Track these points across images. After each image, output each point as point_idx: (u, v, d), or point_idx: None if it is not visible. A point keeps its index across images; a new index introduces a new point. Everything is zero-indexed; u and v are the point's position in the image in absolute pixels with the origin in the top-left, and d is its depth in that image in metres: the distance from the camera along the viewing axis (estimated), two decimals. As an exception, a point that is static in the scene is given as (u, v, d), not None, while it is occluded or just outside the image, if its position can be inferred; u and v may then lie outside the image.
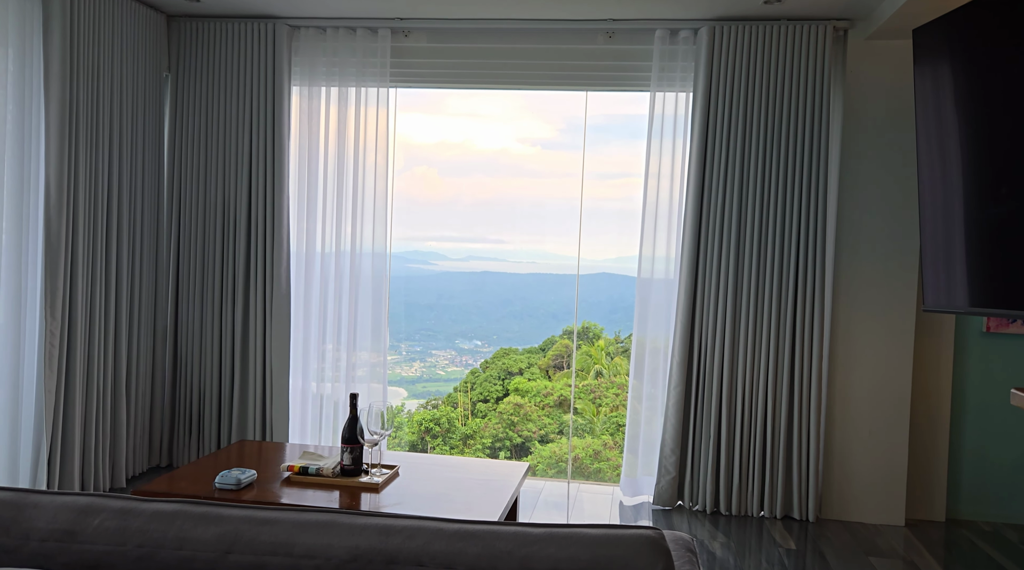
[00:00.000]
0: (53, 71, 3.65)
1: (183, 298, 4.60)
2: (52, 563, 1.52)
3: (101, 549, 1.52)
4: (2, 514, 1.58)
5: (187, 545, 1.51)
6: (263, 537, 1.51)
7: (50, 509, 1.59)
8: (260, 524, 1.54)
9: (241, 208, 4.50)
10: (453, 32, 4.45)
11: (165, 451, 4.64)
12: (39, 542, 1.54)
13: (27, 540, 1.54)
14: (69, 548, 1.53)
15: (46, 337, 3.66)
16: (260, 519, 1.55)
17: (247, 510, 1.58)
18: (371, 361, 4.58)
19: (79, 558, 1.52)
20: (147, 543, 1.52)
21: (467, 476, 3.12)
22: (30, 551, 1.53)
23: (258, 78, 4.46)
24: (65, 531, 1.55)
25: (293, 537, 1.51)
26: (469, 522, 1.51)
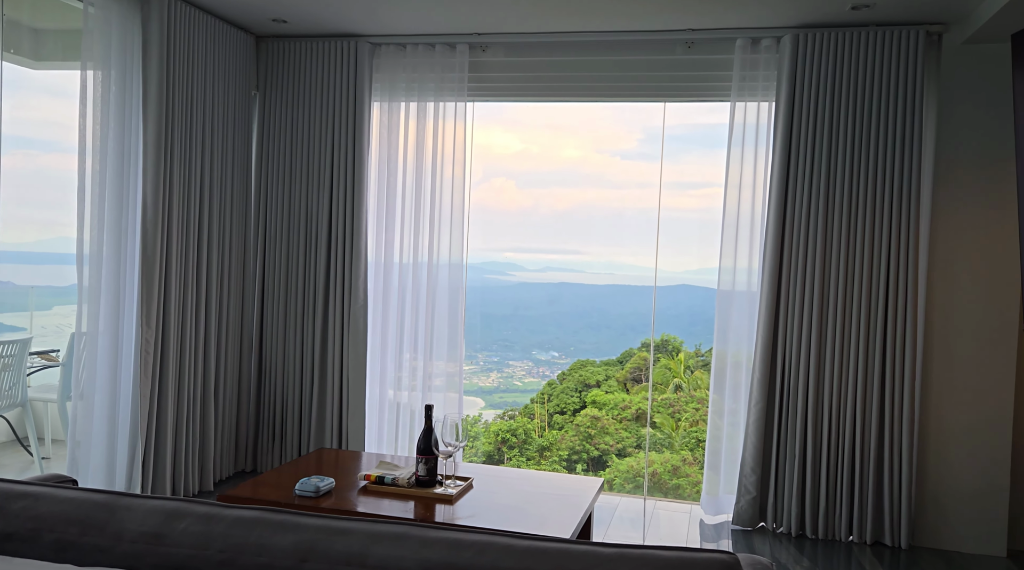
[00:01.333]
0: (151, 92, 3.84)
1: (268, 308, 4.76)
2: (141, 564, 1.58)
3: (186, 552, 1.57)
4: (97, 515, 1.65)
5: (266, 552, 1.54)
6: (337, 547, 1.53)
7: (140, 512, 1.65)
8: (335, 534, 1.56)
9: (322, 221, 4.63)
10: (530, 46, 4.47)
11: (250, 456, 4.79)
12: (129, 543, 1.60)
13: (119, 541, 1.60)
14: (156, 550, 1.59)
15: (141, 345, 3.84)
16: (335, 529, 1.57)
17: (323, 519, 1.61)
18: (447, 371, 4.62)
19: (166, 560, 1.58)
20: (228, 549, 1.56)
21: (541, 490, 3.10)
22: (121, 552, 1.60)
23: (341, 94, 4.58)
24: (153, 534, 1.60)
25: (366, 548, 1.52)
26: (540, 538, 1.50)
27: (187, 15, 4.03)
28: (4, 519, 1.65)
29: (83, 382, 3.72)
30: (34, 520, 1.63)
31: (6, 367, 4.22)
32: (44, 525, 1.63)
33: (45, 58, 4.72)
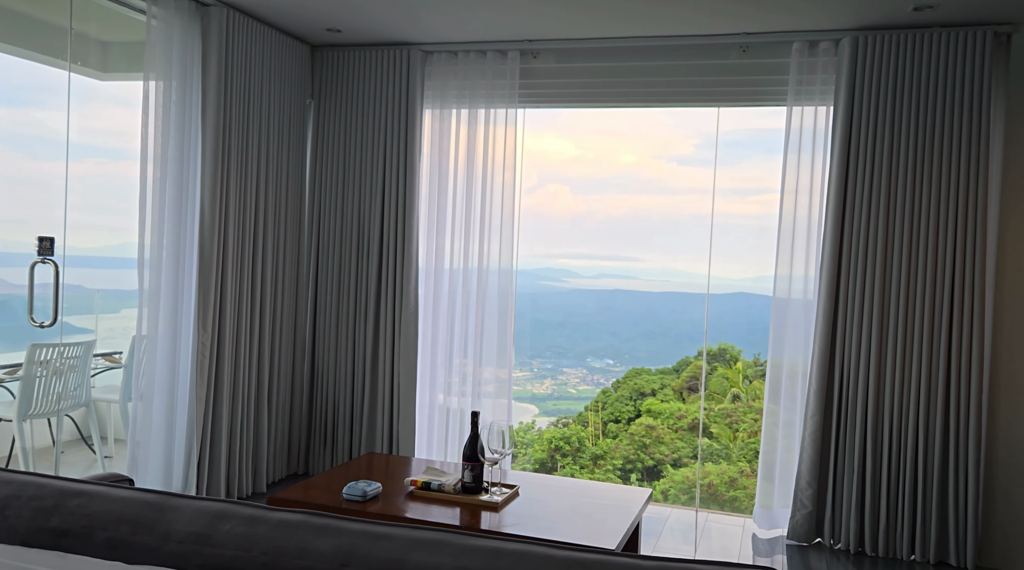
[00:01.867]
0: (209, 101, 3.94)
1: (320, 313, 4.83)
2: (188, 564, 1.60)
3: (231, 553, 1.59)
4: (147, 515, 1.68)
5: (307, 555, 1.55)
6: (377, 552, 1.54)
7: (188, 512, 1.69)
8: (375, 539, 1.56)
9: (374, 227, 4.68)
10: (582, 52, 4.45)
11: (302, 459, 4.87)
12: (177, 543, 1.63)
13: (167, 540, 1.63)
14: (202, 550, 1.61)
15: (198, 348, 3.93)
16: (375, 534, 1.58)
17: (364, 524, 1.61)
18: (497, 377, 4.62)
19: (211, 561, 1.60)
20: (271, 551, 1.58)
21: (587, 499, 3.07)
22: (169, 551, 1.63)
23: (393, 102, 4.63)
24: (200, 534, 1.63)
25: (405, 554, 1.52)
26: (579, 549, 1.48)
27: (245, 26, 4.13)
28: (60, 516, 1.70)
29: (143, 384, 3.83)
30: (88, 518, 1.68)
31: (71, 368, 4.37)
32: (97, 523, 1.67)
33: (112, 69, 4.90)
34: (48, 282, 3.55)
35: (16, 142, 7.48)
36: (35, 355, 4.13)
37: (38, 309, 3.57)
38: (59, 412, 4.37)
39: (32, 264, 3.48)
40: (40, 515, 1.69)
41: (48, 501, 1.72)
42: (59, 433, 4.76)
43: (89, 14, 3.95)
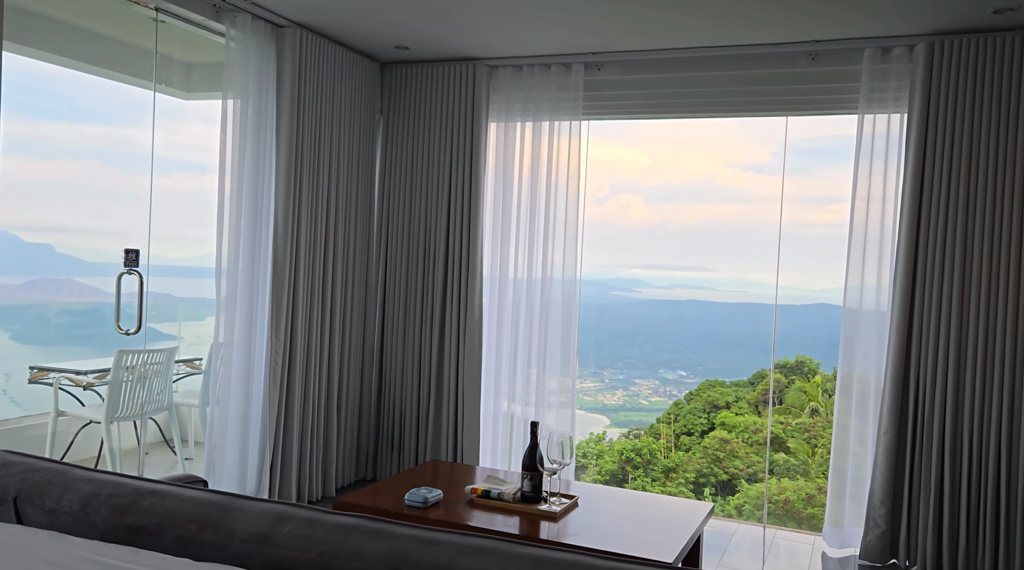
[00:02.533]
0: (283, 117, 4.11)
1: (388, 322, 4.95)
2: (250, 562, 1.68)
3: (290, 554, 1.66)
4: (213, 515, 1.77)
5: (361, 557, 1.61)
6: (427, 557, 1.58)
7: (251, 513, 1.76)
8: (425, 544, 1.61)
9: (440, 238, 4.77)
10: (647, 63, 4.45)
11: (370, 465, 4.98)
12: (240, 542, 1.71)
13: (231, 540, 1.71)
14: (264, 550, 1.68)
15: (271, 355, 4.08)
16: (426, 539, 1.62)
17: (415, 530, 1.66)
18: (560, 387, 4.63)
19: (272, 560, 1.67)
20: (327, 552, 1.64)
21: (647, 512, 3.05)
22: (233, 550, 1.71)
23: (459, 116, 4.72)
24: (262, 534, 1.70)
25: (454, 559, 1.56)
26: (631, 560, 1.49)
27: (317, 45, 4.28)
28: (135, 514, 1.80)
29: (219, 389, 4.00)
30: (160, 516, 1.77)
31: (155, 374, 4.60)
32: (168, 521, 1.76)
33: (194, 89, 5.16)
34: (134, 291, 3.75)
35: (110, 158, 7.92)
36: (122, 361, 4.36)
37: (124, 317, 3.77)
38: (143, 415, 4.60)
39: (119, 275, 3.69)
40: (117, 512, 1.80)
41: (125, 499, 1.82)
42: (143, 435, 5.00)
43: (173, 38, 4.18)
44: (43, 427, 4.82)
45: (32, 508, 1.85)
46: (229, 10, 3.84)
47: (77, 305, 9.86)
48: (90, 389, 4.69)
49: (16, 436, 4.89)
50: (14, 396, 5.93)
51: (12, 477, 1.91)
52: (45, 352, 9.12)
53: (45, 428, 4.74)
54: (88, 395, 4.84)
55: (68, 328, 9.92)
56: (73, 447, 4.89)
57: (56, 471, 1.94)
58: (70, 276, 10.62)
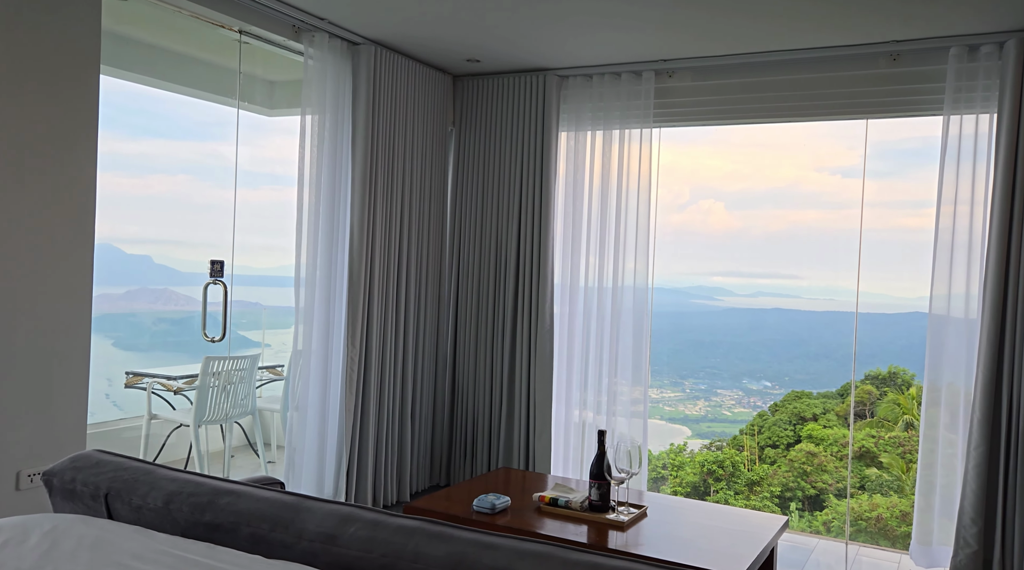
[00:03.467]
0: (358, 131, 4.24)
1: (460, 331, 5.02)
2: (317, 561, 1.74)
3: (354, 554, 1.72)
4: (283, 515, 1.84)
5: (421, 559, 1.65)
6: (485, 560, 1.61)
7: (319, 514, 1.83)
8: (484, 548, 1.63)
9: (511, 246, 4.82)
10: (719, 69, 4.39)
11: (444, 471, 5.05)
12: (308, 542, 1.77)
13: (300, 539, 1.78)
14: (330, 549, 1.75)
15: (347, 363, 4.21)
16: (485, 543, 1.65)
17: (475, 534, 1.69)
18: (632, 395, 4.60)
19: (337, 560, 1.73)
20: (390, 553, 1.68)
21: (717, 524, 3.00)
22: (301, 549, 1.77)
23: (530, 126, 4.77)
24: (328, 535, 1.76)
25: (511, 563, 1.58)
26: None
27: (391, 61, 4.40)
28: (212, 512, 1.89)
29: (299, 395, 4.14)
30: (235, 514, 1.86)
31: (240, 379, 4.79)
32: (242, 519, 1.84)
33: (276, 106, 5.38)
34: (220, 301, 3.93)
35: (200, 173, 8.31)
36: (208, 367, 4.56)
37: (210, 325, 3.96)
38: (229, 419, 4.81)
39: (205, 285, 3.87)
40: (196, 510, 1.89)
41: (204, 498, 1.92)
42: (229, 439, 5.21)
43: (256, 58, 4.37)
44: (138, 429, 5.09)
45: (121, 504, 1.96)
46: (307, 30, 4.00)
47: (172, 313, 10.35)
48: (180, 394, 4.93)
49: (114, 437, 5.18)
50: (115, 399, 6.28)
51: (104, 475, 2.04)
52: (142, 358, 9.60)
53: (140, 430, 5.00)
54: (179, 399, 5.09)
55: (163, 335, 10.43)
56: (165, 449, 5.14)
57: (143, 470, 2.06)
58: (166, 286, 11.18)
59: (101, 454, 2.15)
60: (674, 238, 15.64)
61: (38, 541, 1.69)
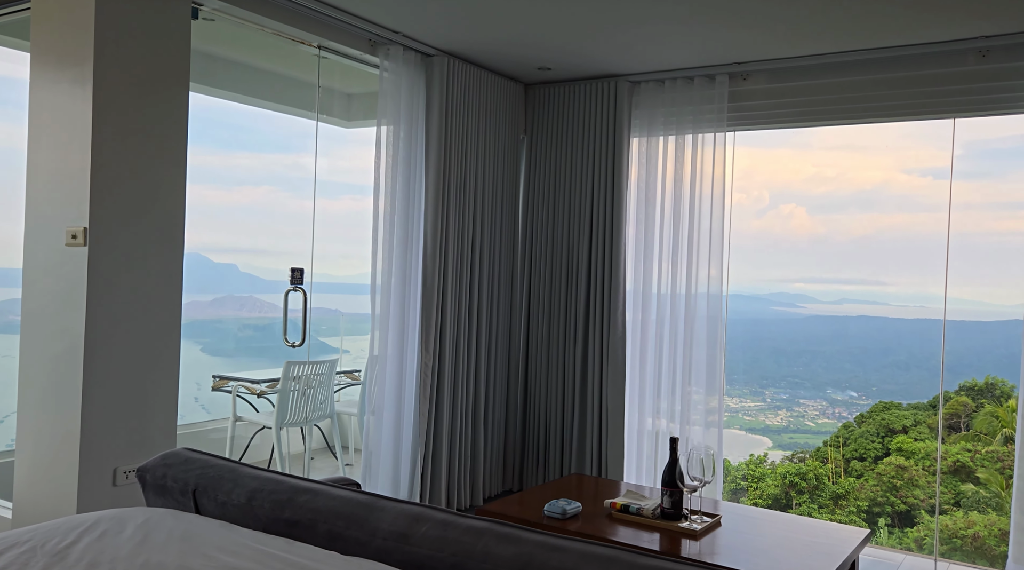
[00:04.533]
0: (432, 141, 4.32)
1: (532, 338, 5.04)
2: (390, 559, 1.79)
3: (425, 553, 1.76)
4: (358, 513, 1.90)
5: (490, 560, 1.67)
6: (552, 562, 1.62)
7: (392, 513, 1.88)
8: (551, 550, 1.65)
9: (582, 253, 4.82)
10: (796, 70, 4.30)
11: (516, 476, 5.08)
12: (382, 540, 1.82)
13: (374, 537, 1.83)
14: (402, 548, 1.79)
15: (421, 368, 4.29)
16: (552, 545, 1.66)
17: (542, 536, 1.71)
18: (707, 403, 4.53)
19: (409, 558, 1.77)
20: (460, 553, 1.72)
21: (795, 535, 2.93)
22: (375, 547, 1.83)
23: (601, 132, 4.77)
24: (400, 533, 1.81)
25: (579, 566, 1.59)
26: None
27: (463, 71, 4.48)
28: (292, 509, 1.96)
29: (375, 399, 4.24)
30: (313, 512, 1.93)
31: (320, 384, 4.94)
32: (319, 517, 1.91)
33: (353, 117, 5.53)
34: (300, 308, 4.07)
35: (283, 183, 8.60)
36: (289, 371, 4.72)
37: (291, 331, 4.10)
38: (308, 422, 4.96)
39: (286, 292, 4.01)
40: (277, 507, 1.97)
41: (284, 495, 2.00)
42: (309, 441, 5.37)
43: (334, 72, 4.51)
44: (224, 431, 5.30)
45: (207, 500, 2.06)
46: (383, 43, 4.11)
47: (255, 320, 10.74)
48: (263, 397, 5.11)
49: (202, 438, 5.41)
50: (203, 402, 6.55)
51: (192, 472, 2.14)
52: (228, 363, 9.99)
53: (226, 432, 5.21)
54: (262, 403, 5.28)
55: (247, 341, 10.82)
56: (249, 450, 5.34)
57: (227, 468, 2.15)
58: (251, 293, 11.60)
59: (190, 452, 2.26)
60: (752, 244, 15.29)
61: (133, 532, 1.79)
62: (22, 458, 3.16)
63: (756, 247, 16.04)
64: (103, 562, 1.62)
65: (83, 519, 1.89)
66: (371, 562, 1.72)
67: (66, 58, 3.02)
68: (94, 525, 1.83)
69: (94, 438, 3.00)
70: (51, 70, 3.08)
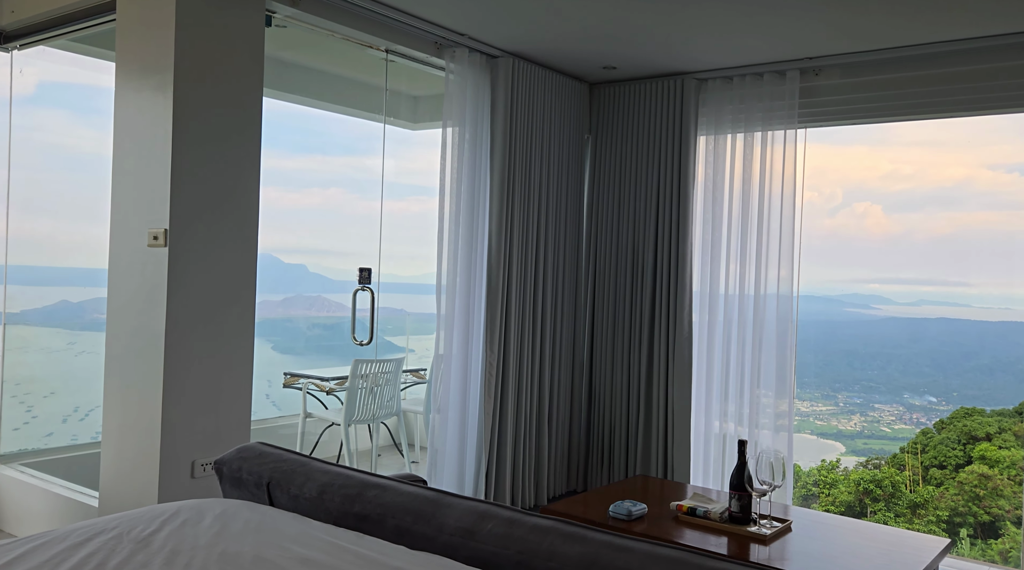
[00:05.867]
0: (496, 142, 4.35)
1: (597, 338, 5.02)
2: (456, 555, 1.81)
3: (490, 550, 1.77)
4: (425, 509, 1.93)
5: (555, 558, 1.68)
6: (618, 562, 1.62)
7: (458, 510, 1.90)
8: (617, 550, 1.65)
9: (648, 253, 4.78)
10: (870, 64, 4.17)
11: (580, 477, 5.07)
12: (448, 536, 1.84)
13: (441, 532, 1.86)
14: (468, 544, 1.81)
15: (485, 368, 4.32)
16: (618, 546, 1.66)
17: (608, 535, 1.70)
18: (775, 407, 4.44)
19: (475, 554, 1.79)
20: (525, 551, 1.72)
21: (870, 543, 2.85)
22: (442, 542, 1.85)
23: (666, 131, 4.72)
24: (467, 530, 1.83)
25: (645, 567, 1.58)
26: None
27: (528, 72, 4.49)
28: (361, 503, 2.00)
29: (440, 397, 4.29)
30: (381, 506, 1.96)
31: (387, 382, 5.03)
32: (388, 511, 1.95)
33: (419, 120, 5.61)
34: (368, 307, 4.14)
35: (350, 185, 8.78)
36: (357, 369, 4.81)
37: (359, 329, 4.18)
38: (376, 420, 5.04)
39: (354, 291, 4.09)
40: (347, 501, 2.01)
41: (353, 490, 2.04)
42: (376, 438, 5.47)
43: (401, 75, 4.59)
44: (294, 427, 5.44)
45: (280, 493, 2.12)
46: (449, 46, 4.16)
47: (324, 319, 10.99)
48: (332, 394, 5.23)
49: (272, 434, 5.56)
50: (273, 399, 6.74)
51: (266, 466, 2.21)
52: (298, 360, 10.24)
53: (295, 428, 5.34)
54: (331, 400, 5.39)
55: (316, 339, 11.08)
56: (318, 446, 5.46)
57: (299, 462, 2.21)
58: (319, 293, 11.87)
59: (263, 446, 2.33)
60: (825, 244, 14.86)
61: (211, 522, 1.86)
62: (107, 450, 3.31)
63: (828, 247, 15.58)
64: (184, 550, 1.69)
65: (165, 509, 1.96)
66: (438, 557, 1.75)
67: (148, 66, 3.15)
68: (175, 514, 1.91)
69: (173, 431, 3.12)
70: (134, 78, 3.21)
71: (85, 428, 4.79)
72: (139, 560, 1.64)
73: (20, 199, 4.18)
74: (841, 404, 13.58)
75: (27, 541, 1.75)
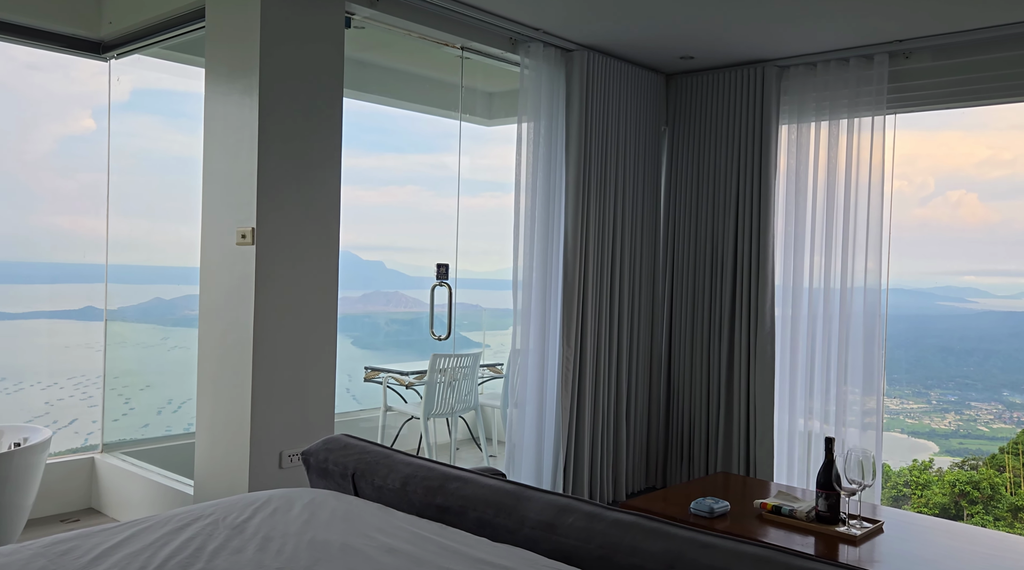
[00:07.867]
0: (572, 136, 4.33)
1: (675, 332, 4.95)
2: (537, 548, 1.82)
3: (571, 543, 1.77)
4: (507, 502, 1.94)
5: (638, 554, 1.67)
6: (702, 559, 1.59)
7: (539, 503, 1.91)
8: (700, 547, 1.62)
9: (727, 246, 4.68)
10: (966, 45, 3.98)
11: (659, 473, 5.01)
12: (530, 529, 1.85)
13: (522, 525, 1.87)
14: (549, 538, 1.81)
15: (562, 362, 4.31)
16: (702, 542, 1.63)
17: (691, 532, 1.68)
18: (864, 405, 4.28)
19: (556, 547, 1.79)
20: (607, 546, 1.72)
21: (968, 547, 2.72)
22: (523, 535, 1.86)
23: (746, 121, 4.60)
24: (548, 523, 1.83)
25: (729, 565, 1.56)
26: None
27: (603, 65, 4.46)
28: (443, 495, 2.03)
29: (517, 392, 4.31)
30: (462, 499, 1.99)
31: (465, 376, 5.08)
32: (469, 504, 1.97)
33: (495, 116, 5.63)
34: (445, 302, 4.19)
35: (427, 182, 8.90)
36: (436, 364, 4.87)
37: (437, 325, 4.23)
38: (454, 414, 5.10)
39: (432, 287, 4.15)
40: (429, 493, 2.04)
41: (435, 482, 2.07)
42: (454, 432, 5.53)
43: (476, 71, 4.61)
44: (374, 420, 5.55)
45: (365, 483, 2.17)
46: (523, 41, 4.16)
47: (402, 314, 11.18)
48: (411, 388, 5.31)
49: (353, 427, 5.69)
50: (354, 393, 6.89)
51: (351, 457, 2.26)
52: (377, 355, 10.45)
53: (376, 421, 5.45)
54: (410, 394, 5.48)
55: (395, 335, 11.28)
56: (398, 440, 5.56)
57: (383, 454, 2.26)
58: (397, 289, 12.08)
59: (348, 438, 2.38)
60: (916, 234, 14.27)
61: (300, 511, 1.91)
62: (201, 441, 3.46)
63: (919, 238, 14.94)
64: (275, 537, 1.75)
65: (257, 497, 2.03)
66: (520, 550, 1.75)
67: (236, 70, 3.26)
68: (266, 503, 1.98)
69: (262, 423, 3.22)
70: (223, 82, 3.33)
71: (178, 420, 5.00)
72: (234, 545, 1.71)
73: (118, 201, 4.40)
74: (934, 402, 13.04)
75: (132, 525, 1.84)
